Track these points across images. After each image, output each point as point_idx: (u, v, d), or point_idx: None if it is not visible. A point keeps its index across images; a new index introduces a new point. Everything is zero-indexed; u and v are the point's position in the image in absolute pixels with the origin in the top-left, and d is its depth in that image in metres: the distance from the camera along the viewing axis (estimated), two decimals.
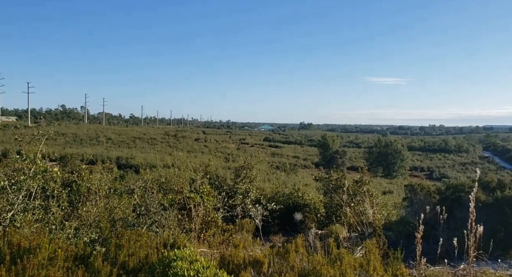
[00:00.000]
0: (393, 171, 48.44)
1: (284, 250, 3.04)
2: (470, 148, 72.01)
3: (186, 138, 67.42)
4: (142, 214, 5.41)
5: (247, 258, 2.92)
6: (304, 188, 11.39)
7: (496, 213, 6.55)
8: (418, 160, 60.88)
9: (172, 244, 3.19)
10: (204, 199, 6.19)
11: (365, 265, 2.84)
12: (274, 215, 8.73)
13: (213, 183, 8.71)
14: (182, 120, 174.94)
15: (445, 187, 9.11)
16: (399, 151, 50.54)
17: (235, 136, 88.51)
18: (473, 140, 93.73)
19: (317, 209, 9.60)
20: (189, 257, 2.52)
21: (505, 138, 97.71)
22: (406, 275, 2.94)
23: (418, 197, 9.24)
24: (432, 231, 6.56)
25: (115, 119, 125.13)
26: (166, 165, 15.07)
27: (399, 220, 9.24)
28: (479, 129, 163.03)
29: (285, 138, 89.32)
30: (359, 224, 7.10)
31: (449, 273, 4.78)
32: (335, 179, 9.58)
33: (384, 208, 10.56)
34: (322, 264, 2.68)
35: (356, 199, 8.69)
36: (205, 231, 5.94)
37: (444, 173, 47.95)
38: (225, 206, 7.57)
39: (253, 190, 8.79)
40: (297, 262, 2.91)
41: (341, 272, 2.60)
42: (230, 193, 8.38)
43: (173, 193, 6.89)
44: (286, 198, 10.09)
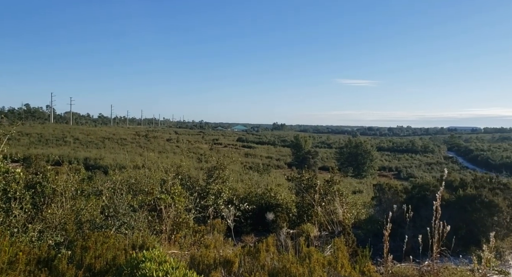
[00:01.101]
0: (363, 171, 49.64)
1: (255, 250, 3.05)
2: (436, 149, 74.92)
3: (157, 139, 66.27)
4: (111, 215, 5.27)
5: (217, 258, 2.91)
6: (276, 188, 11.47)
7: (458, 211, 6.83)
8: (387, 160, 62.71)
9: (141, 246, 3.13)
10: (175, 200, 6.11)
11: (334, 262, 2.90)
12: (246, 215, 8.74)
13: (185, 184, 8.61)
14: (154, 120, 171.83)
15: (411, 186, 9.41)
16: (369, 151, 51.88)
17: (208, 137, 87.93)
18: (438, 140, 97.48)
19: (289, 208, 9.68)
20: (158, 258, 2.48)
21: (468, 139, 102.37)
22: (372, 271, 3.02)
23: (386, 196, 9.50)
24: (399, 229, 6.76)
25: (83, 118, 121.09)
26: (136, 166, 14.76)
27: (368, 218, 9.47)
28: (443, 130, 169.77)
29: (258, 139, 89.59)
30: (329, 223, 7.23)
31: (414, 269, 4.95)
32: (307, 179, 9.71)
33: (354, 207, 10.81)
34: (292, 263, 2.71)
35: (327, 198, 8.85)
36: (176, 232, 5.87)
37: (411, 172, 49.65)
38: (197, 207, 7.51)
39: (226, 190, 8.75)
40: (268, 261, 2.93)
41: (310, 269, 2.64)
42: (202, 193, 8.32)
43: (143, 194, 6.76)
44: (258, 198, 10.12)
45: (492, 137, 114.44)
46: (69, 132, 58.26)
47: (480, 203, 6.63)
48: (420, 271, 4.87)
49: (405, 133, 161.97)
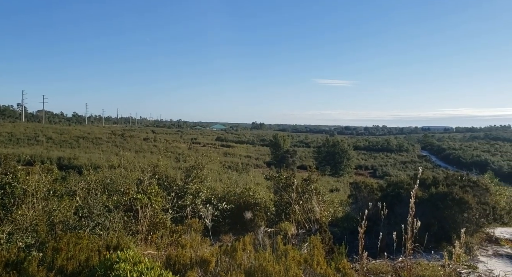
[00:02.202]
0: (340, 169, 50.42)
1: (232, 249, 3.04)
2: (410, 148, 76.97)
3: (134, 138, 65.17)
4: (85, 216, 5.15)
5: (194, 257, 2.89)
6: (255, 187, 11.49)
7: (431, 208, 7.03)
8: (363, 159, 63.95)
9: (116, 246, 3.07)
10: (152, 200, 6.02)
11: (309, 260, 2.93)
12: (225, 214, 8.72)
13: (162, 183, 8.50)
14: (130, 119, 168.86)
15: (386, 184, 9.62)
16: (346, 150, 52.74)
17: (187, 136, 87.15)
18: (413, 140, 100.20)
19: (268, 207, 9.72)
20: (133, 259, 2.44)
21: (440, 138, 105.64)
22: (347, 268, 3.08)
23: (362, 194, 9.68)
24: (375, 226, 6.90)
25: (56, 117, 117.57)
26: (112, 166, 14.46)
27: (345, 216, 9.62)
28: (417, 130, 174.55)
29: (237, 138, 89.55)
30: (307, 221, 7.30)
31: (388, 266, 5.06)
32: (285, 178, 9.77)
33: (331, 205, 10.96)
34: (268, 261, 2.72)
35: (305, 197, 8.93)
36: (152, 233, 5.79)
37: (386, 171, 50.82)
38: (175, 207, 7.43)
39: (204, 190, 8.70)
40: (245, 260, 2.92)
41: (286, 267, 2.66)
42: (180, 193, 8.23)
43: (118, 194, 6.64)
44: (237, 197, 10.10)
45: (463, 136, 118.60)
46: (41, 131, 56.47)
47: (451, 200, 6.84)
48: (394, 267, 4.99)
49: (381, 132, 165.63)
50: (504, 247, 7.76)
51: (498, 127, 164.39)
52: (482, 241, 7.62)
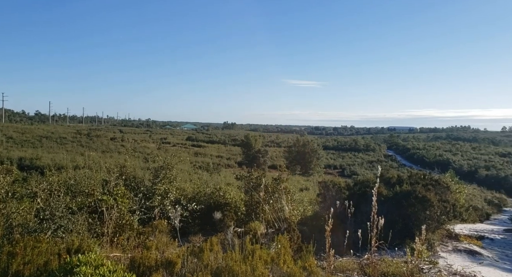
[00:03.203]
0: (310, 169, 51.10)
1: (199, 249, 3.01)
2: (377, 147, 79.30)
3: (100, 138, 63.26)
4: (46, 219, 4.93)
5: (159, 259, 2.83)
6: (226, 187, 11.45)
7: (395, 206, 7.28)
8: (332, 158, 65.22)
9: (77, 249, 2.96)
10: (118, 201, 5.86)
11: (276, 259, 2.95)
12: (194, 215, 8.63)
13: (129, 184, 8.29)
14: (96, 118, 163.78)
15: (353, 183, 9.86)
16: (315, 150, 53.55)
17: (156, 135, 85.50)
18: (379, 140, 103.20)
19: (238, 207, 9.72)
20: (95, 262, 2.36)
21: (405, 138, 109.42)
22: (313, 266, 3.13)
23: (330, 193, 9.86)
24: (342, 224, 7.05)
25: (17, 116, 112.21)
26: (77, 166, 13.96)
27: (313, 215, 9.78)
28: (384, 130, 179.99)
29: (208, 138, 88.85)
30: (276, 221, 7.36)
31: (355, 263, 5.18)
32: (256, 178, 9.80)
33: (301, 204, 11.11)
34: (235, 261, 2.71)
35: (275, 196, 9.00)
36: (119, 235, 5.63)
37: (354, 170, 52.06)
38: (142, 208, 7.27)
39: (173, 190, 8.57)
40: (212, 260, 2.90)
41: (252, 267, 2.66)
42: (148, 194, 8.07)
43: (83, 195, 6.41)
44: (207, 197, 10.03)
45: (427, 136, 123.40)
46: (1, 130, 53.69)
47: (414, 198, 7.11)
48: (360, 265, 5.12)
49: (349, 132, 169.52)
50: (463, 242, 8.15)
51: (459, 128, 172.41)
52: (443, 237, 7.96)
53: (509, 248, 9.64)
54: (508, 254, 8.59)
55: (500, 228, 16.49)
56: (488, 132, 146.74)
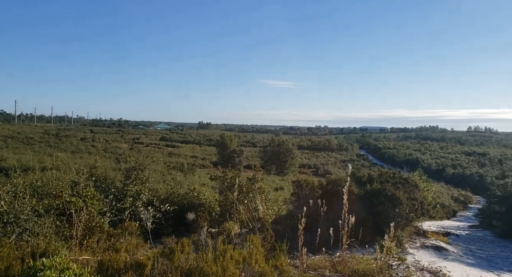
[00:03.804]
0: (285, 168, 51.51)
1: (169, 251, 2.98)
2: (349, 147, 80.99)
3: (70, 138, 61.38)
4: (10, 222, 4.74)
5: (128, 262, 2.77)
6: (200, 187, 11.36)
7: (366, 204, 7.45)
8: (306, 158, 66.03)
9: (43, 253, 2.85)
10: (87, 203, 5.70)
11: (248, 258, 2.96)
12: (167, 216, 8.51)
13: (99, 185, 8.09)
14: (66, 117, 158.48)
15: (326, 182, 10.00)
16: (290, 150, 54.04)
17: (128, 136, 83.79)
18: (351, 139, 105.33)
19: (212, 207, 9.66)
20: (60, 266, 2.28)
21: (377, 138, 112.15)
22: (285, 265, 3.16)
23: (304, 192, 9.97)
24: (315, 223, 7.15)
25: None
26: (44, 168, 13.48)
27: (287, 214, 9.86)
28: (356, 130, 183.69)
29: (183, 138, 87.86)
30: (250, 220, 7.37)
31: (327, 261, 5.27)
32: (230, 178, 9.77)
33: (276, 204, 11.18)
34: (206, 261, 2.70)
35: (249, 196, 9.01)
36: (88, 238, 5.48)
37: (327, 169, 52.93)
38: (113, 210, 7.11)
39: (145, 191, 8.42)
40: (183, 262, 2.88)
41: (223, 267, 2.66)
42: (119, 195, 7.90)
43: (50, 198, 6.20)
44: (181, 198, 9.91)
45: (397, 136, 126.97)
46: None
47: (384, 197, 7.30)
48: (332, 262, 5.21)
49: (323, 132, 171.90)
50: (430, 239, 8.45)
51: (427, 128, 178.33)
52: (411, 234, 8.23)
53: (473, 244, 10.10)
54: (472, 249, 8.99)
55: (465, 224, 17.23)
56: (455, 132, 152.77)
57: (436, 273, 5.53)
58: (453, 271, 6.07)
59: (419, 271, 5.44)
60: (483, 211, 17.66)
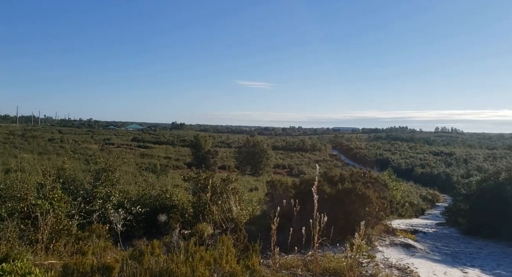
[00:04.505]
0: (259, 169, 51.75)
1: (139, 253, 2.92)
2: (322, 147, 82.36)
3: (37, 138, 59.17)
4: None
5: (95, 265, 2.70)
6: (173, 189, 11.22)
7: (338, 203, 7.58)
8: (281, 158, 66.58)
9: (4, 258, 2.73)
10: (54, 205, 5.51)
11: (219, 259, 2.96)
12: (139, 218, 8.36)
13: (67, 187, 7.84)
14: (32, 118, 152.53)
15: (299, 182, 10.12)
16: (265, 150, 54.34)
17: (99, 136, 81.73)
18: (325, 140, 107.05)
19: (185, 209, 9.57)
20: (21, 270, 2.19)
21: (349, 138, 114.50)
22: (256, 265, 3.17)
23: (278, 192, 10.05)
24: (289, 222, 7.21)
25: None
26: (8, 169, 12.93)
27: (262, 214, 9.90)
28: (329, 131, 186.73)
29: (156, 138, 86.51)
30: (224, 221, 7.35)
31: (299, 260, 5.33)
32: (204, 179, 9.71)
33: (250, 204, 11.20)
34: (176, 263, 2.67)
35: (223, 197, 8.99)
36: (55, 241, 5.30)
37: (301, 169, 53.54)
38: (82, 212, 6.90)
39: (116, 193, 8.24)
40: (153, 264, 2.84)
41: (192, 268, 2.64)
42: (88, 197, 7.68)
43: (14, 200, 5.96)
44: (153, 200, 9.76)
45: (369, 136, 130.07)
46: None
47: (355, 196, 7.46)
48: (304, 261, 5.28)
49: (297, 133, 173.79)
50: (399, 237, 8.71)
51: (397, 128, 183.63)
52: (381, 232, 8.46)
53: (440, 241, 10.50)
54: (438, 246, 9.34)
55: (433, 222, 17.88)
56: (423, 133, 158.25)
57: (404, 270, 5.71)
58: (420, 267, 6.29)
59: (388, 268, 5.60)
60: (449, 209, 18.39)
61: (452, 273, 6.37)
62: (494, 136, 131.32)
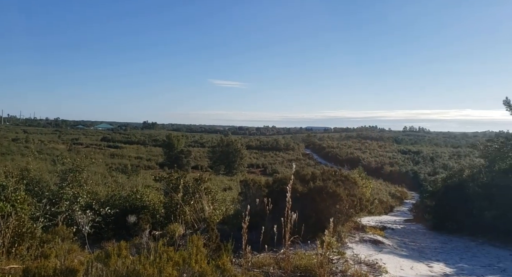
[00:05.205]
0: (233, 168, 51.69)
1: (105, 255, 2.85)
2: (296, 147, 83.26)
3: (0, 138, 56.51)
4: None
5: (59, 268, 2.61)
6: (144, 189, 11.02)
7: (310, 202, 7.69)
8: (255, 157, 66.76)
9: None
10: (17, 208, 5.28)
11: (188, 259, 2.93)
12: (108, 220, 8.17)
13: (32, 189, 7.55)
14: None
15: (272, 181, 10.19)
16: (239, 150, 54.34)
17: (66, 136, 79.16)
18: (298, 139, 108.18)
19: (157, 209, 9.43)
20: None
21: (321, 137, 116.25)
22: (227, 264, 3.17)
23: (251, 191, 10.07)
24: (262, 221, 7.24)
25: None
26: None
27: (235, 213, 9.89)
28: (302, 130, 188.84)
29: (126, 138, 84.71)
30: (196, 221, 7.29)
31: (271, 258, 5.37)
32: (176, 179, 9.60)
33: (223, 204, 11.17)
34: (143, 264, 2.62)
35: (196, 197, 8.91)
36: (18, 245, 5.08)
37: (275, 168, 53.91)
38: (47, 215, 6.66)
39: (84, 194, 8.00)
40: (120, 266, 2.77)
41: (160, 269, 2.60)
42: (54, 199, 7.42)
43: None
44: (123, 201, 9.55)
45: (340, 136, 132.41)
46: None
47: (326, 194, 7.59)
48: (276, 259, 5.32)
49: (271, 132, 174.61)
50: (368, 233, 8.94)
51: (367, 128, 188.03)
52: (351, 229, 8.65)
53: (407, 236, 10.85)
54: (405, 242, 9.66)
55: (401, 218, 18.46)
56: (392, 132, 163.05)
57: (373, 266, 5.86)
58: (388, 262, 6.47)
59: (357, 264, 5.73)
60: (417, 206, 19.07)
61: (418, 268, 6.60)
62: (459, 135, 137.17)
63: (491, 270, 6.81)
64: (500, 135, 16.09)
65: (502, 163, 11.98)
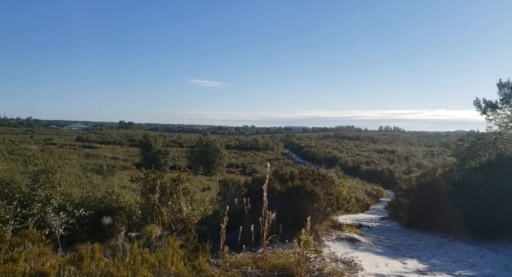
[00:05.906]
0: (213, 168, 51.41)
1: (78, 257, 2.78)
2: (275, 146, 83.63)
3: None
4: None
5: (28, 272, 2.52)
6: (120, 190, 10.82)
7: (288, 201, 7.74)
8: (234, 157, 66.62)
9: None
10: None
11: (163, 260, 2.90)
12: (83, 222, 7.97)
13: (1, 191, 7.29)
14: None
15: (251, 180, 10.20)
16: (218, 149, 54.08)
17: (39, 136, 76.73)
18: (277, 139, 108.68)
19: (133, 211, 9.28)
20: None
21: (300, 137, 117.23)
22: (203, 264, 3.15)
23: (230, 191, 10.04)
24: (240, 221, 7.23)
25: None
26: None
27: (214, 214, 9.84)
28: (281, 130, 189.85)
29: (102, 138, 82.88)
30: (173, 222, 7.21)
31: (249, 258, 5.37)
32: (153, 179, 9.46)
33: (202, 204, 11.09)
34: (117, 266, 2.57)
35: (174, 197, 8.81)
36: None
37: (254, 168, 53.96)
38: (17, 217, 6.43)
39: (57, 196, 7.78)
40: (93, 269, 2.71)
41: (134, 271, 2.56)
42: (26, 201, 7.18)
43: None
44: (98, 202, 9.35)
45: (318, 135, 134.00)
46: None
47: (304, 193, 7.66)
48: (254, 259, 5.32)
49: (250, 132, 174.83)
50: (345, 231, 9.08)
51: (344, 127, 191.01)
52: (328, 228, 8.77)
53: (382, 234, 11.09)
54: (381, 239, 9.87)
55: (377, 216, 18.86)
56: (368, 131, 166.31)
57: (349, 263, 5.96)
58: (364, 260, 6.60)
59: (334, 262, 5.81)
60: (392, 204, 19.52)
61: (392, 265, 6.76)
62: (432, 134, 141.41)
63: (461, 266, 7.06)
64: (471, 134, 16.71)
65: (472, 161, 12.42)
